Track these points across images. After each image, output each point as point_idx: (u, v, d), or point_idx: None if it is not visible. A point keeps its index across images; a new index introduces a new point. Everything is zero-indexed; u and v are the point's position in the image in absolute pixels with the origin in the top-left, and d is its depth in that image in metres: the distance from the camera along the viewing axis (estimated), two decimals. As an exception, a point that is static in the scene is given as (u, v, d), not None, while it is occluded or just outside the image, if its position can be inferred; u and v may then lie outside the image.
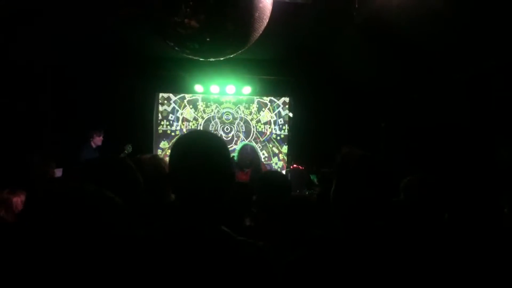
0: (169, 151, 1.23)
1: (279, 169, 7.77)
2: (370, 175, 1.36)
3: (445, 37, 4.41)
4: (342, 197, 1.40)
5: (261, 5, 2.35)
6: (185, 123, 7.93)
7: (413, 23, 4.15)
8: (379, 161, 1.40)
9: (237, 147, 5.11)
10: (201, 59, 2.68)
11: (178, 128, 7.89)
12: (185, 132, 1.32)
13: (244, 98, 7.93)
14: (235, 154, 4.98)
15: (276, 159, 7.97)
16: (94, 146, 6.38)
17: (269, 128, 8.01)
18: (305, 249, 1.37)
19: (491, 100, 4.42)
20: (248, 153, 4.82)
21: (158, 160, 2.34)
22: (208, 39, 2.24)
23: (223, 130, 7.99)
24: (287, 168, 7.50)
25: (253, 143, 5.68)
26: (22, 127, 6.25)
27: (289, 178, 5.06)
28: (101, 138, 6.44)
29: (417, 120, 5.97)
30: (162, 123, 7.88)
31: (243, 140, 7.93)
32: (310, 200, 2.68)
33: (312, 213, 2.35)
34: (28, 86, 6.36)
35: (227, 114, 7.99)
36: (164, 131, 7.85)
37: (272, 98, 7.98)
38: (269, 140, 7.99)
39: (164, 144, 7.81)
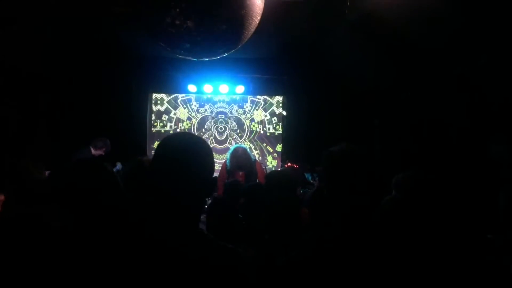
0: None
1: (273, 168, 7.77)
2: (356, 169, 1.36)
3: (439, 34, 4.42)
4: (334, 194, 1.40)
5: (249, 2, 2.34)
6: (178, 123, 7.90)
7: (407, 21, 4.16)
8: (364, 155, 1.40)
9: (229, 150, 5.12)
10: (194, 59, 2.66)
11: (172, 128, 7.86)
12: (172, 133, 1.30)
13: (238, 97, 7.92)
14: (227, 157, 4.99)
15: (270, 158, 7.97)
16: (93, 152, 5.97)
17: (263, 127, 8.00)
18: (301, 249, 1.36)
19: (484, 98, 4.45)
20: (239, 156, 4.83)
21: None
22: (199, 39, 2.23)
23: (216, 129, 7.97)
24: (281, 167, 7.50)
25: (245, 146, 5.68)
26: (13, 129, 6.20)
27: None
28: (101, 152, 5.99)
29: (411, 117, 5.99)
30: (156, 123, 7.85)
31: (237, 139, 7.93)
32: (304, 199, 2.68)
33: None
34: (18, 88, 6.30)
35: (220, 114, 7.97)
36: (158, 132, 7.81)
37: (266, 96, 7.98)
38: (262, 139, 7.98)
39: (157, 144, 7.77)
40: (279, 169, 6.60)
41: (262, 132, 8.00)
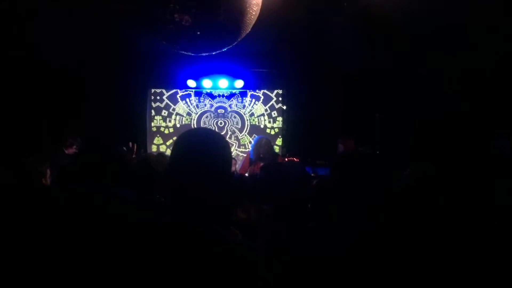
0: (164, 146, 1.24)
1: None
2: (370, 174, 1.36)
3: (441, 26, 4.39)
4: (343, 193, 1.39)
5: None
6: (178, 118, 7.89)
7: (408, 12, 4.12)
8: (377, 160, 1.40)
9: (254, 139, 5.15)
10: (193, 54, 2.65)
11: (172, 123, 7.85)
12: (189, 129, 1.30)
13: (237, 91, 7.90)
14: (251, 147, 5.00)
15: (271, 152, 7.95)
16: (66, 152, 6.01)
17: (263, 121, 7.98)
18: (305, 244, 1.36)
19: (487, 90, 4.43)
20: (261, 146, 4.85)
21: (164, 157, 2.55)
22: (198, 33, 2.21)
23: (216, 124, 7.95)
24: (282, 161, 7.48)
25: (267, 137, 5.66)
26: (13, 128, 6.20)
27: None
28: (73, 150, 6.03)
29: (412, 110, 5.98)
30: (156, 118, 7.83)
31: (237, 133, 7.92)
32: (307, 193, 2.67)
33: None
34: (19, 85, 6.29)
35: (220, 109, 7.95)
36: (158, 127, 7.81)
37: (265, 91, 7.95)
38: (262, 133, 7.96)
39: (158, 140, 7.77)
40: (276, 162, 6.56)
41: (262, 126, 7.98)
